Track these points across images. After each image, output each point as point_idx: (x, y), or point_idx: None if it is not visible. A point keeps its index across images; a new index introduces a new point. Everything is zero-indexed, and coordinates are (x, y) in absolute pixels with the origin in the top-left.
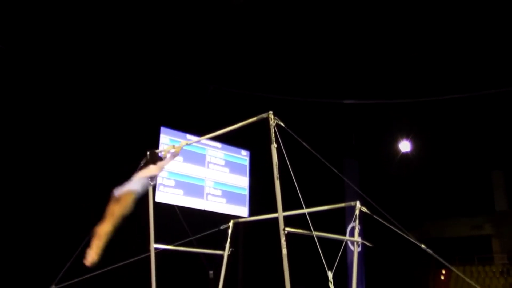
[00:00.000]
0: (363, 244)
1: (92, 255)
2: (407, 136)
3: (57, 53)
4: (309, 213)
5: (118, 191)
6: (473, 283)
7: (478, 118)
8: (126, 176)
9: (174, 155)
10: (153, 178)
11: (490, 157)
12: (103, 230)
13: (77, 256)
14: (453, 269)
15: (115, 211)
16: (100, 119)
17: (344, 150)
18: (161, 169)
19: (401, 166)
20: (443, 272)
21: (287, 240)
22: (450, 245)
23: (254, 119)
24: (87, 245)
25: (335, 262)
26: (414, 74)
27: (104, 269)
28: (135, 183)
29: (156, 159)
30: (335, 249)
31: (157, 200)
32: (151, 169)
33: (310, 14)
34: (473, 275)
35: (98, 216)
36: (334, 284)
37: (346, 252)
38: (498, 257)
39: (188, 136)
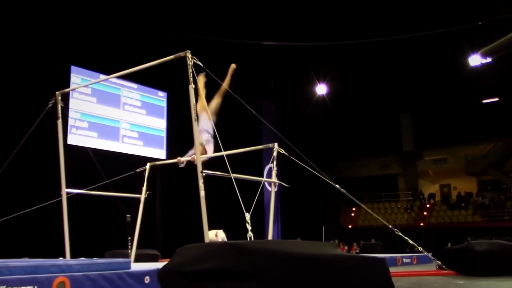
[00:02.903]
0: (279, 184)
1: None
2: (323, 79)
3: None
4: (227, 155)
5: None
6: (380, 218)
7: (389, 62)
8: (34, 117)
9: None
10: None
11: (399, 100)
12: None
13: None
14: (363, 206)
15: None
16: (5, 58)
17: (262, 92)
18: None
19: (317, 108)
20: (353, 209)
21: (204, 183)
22: (360, 183)
23: (171, 57)
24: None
25: (253, 203)
26: (331, 17)
27: (13, 215)
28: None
29: None
30: (252, 190)
31: (69, 142)
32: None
33: None
34: (380, 211)
35: (3, 160)
36: (251, 225)
37: (263, 192)
38: (403, 194)
39: (102, 76)
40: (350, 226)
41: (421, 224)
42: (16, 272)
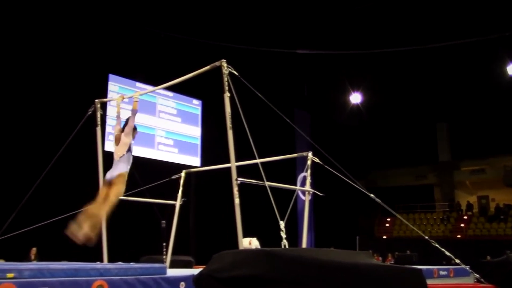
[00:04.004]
0: (312, 192)
1: (86, 233)
2: (358, 88)
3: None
4: (262, 164)
5: (110, 176)
6: (416, 229)
7: (425, 71)
8: (73, 126)
9: (134, 113)
10: (130, 148)
11: (436, 109)
12: (94, 211)
13: (24, 207)
14: (399, 217)
15: (109, 195)
16: (47, 66)
17: (295, 101)
18: (130, 134)
19: (351, 117)
20: (388, 219)
21: (239, 190)
22: (395, 193)
23: (207, 67)
24: (33, 197)
25: (287, 211)
26: (366, 26)
27: (52, 220)
28: (122, 164)
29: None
30: (285, 198)
31: (106, 149)
32: (123, 142)
33: None
34: (416, 222)
35: (44, 165)
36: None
37: (297, 201)
38: (440, 205)
39: (138, 84)
40: (384, 237)
41: (458, 236)
42: (57, 275)
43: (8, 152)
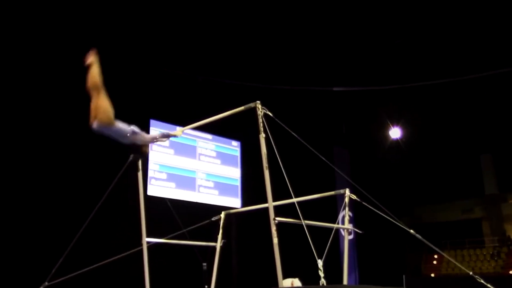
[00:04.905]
0: (355, 231)
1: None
2: (397, 122)
3: (42, 43)
4: (302, 203)
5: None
6: (459, 265)
7: (466, 102)
8: (116, 172)
9: (168, 135)
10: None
11: (479, 141)
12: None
13: (69, 253)
14: (443, 254)
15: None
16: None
17: (334, 138)
18: (149, 140)
19: (392, 153)
20: (435, 256)
21: (278, 230)
22: (441, 229)
23: (241, 108)
24: (78, 243)
25: (329, 250)
26: (402, 60)
27: (97, 265)
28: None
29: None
30: (328, 237)
31: (149, 193)
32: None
33: (297, 3)
34: (465, 258)
35: (88, 211)
36: (326, 272)
37: (339, 240)
38: (489, 240)
39: (178, 128)
40: (432, 275)
41: (511, 272)
42: None
43: (55, 199)
